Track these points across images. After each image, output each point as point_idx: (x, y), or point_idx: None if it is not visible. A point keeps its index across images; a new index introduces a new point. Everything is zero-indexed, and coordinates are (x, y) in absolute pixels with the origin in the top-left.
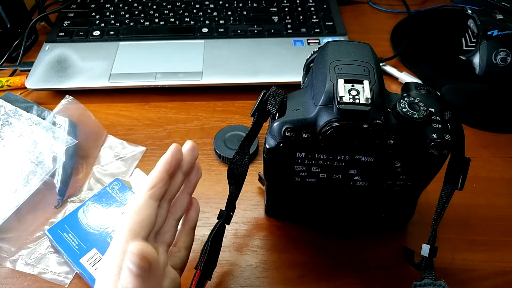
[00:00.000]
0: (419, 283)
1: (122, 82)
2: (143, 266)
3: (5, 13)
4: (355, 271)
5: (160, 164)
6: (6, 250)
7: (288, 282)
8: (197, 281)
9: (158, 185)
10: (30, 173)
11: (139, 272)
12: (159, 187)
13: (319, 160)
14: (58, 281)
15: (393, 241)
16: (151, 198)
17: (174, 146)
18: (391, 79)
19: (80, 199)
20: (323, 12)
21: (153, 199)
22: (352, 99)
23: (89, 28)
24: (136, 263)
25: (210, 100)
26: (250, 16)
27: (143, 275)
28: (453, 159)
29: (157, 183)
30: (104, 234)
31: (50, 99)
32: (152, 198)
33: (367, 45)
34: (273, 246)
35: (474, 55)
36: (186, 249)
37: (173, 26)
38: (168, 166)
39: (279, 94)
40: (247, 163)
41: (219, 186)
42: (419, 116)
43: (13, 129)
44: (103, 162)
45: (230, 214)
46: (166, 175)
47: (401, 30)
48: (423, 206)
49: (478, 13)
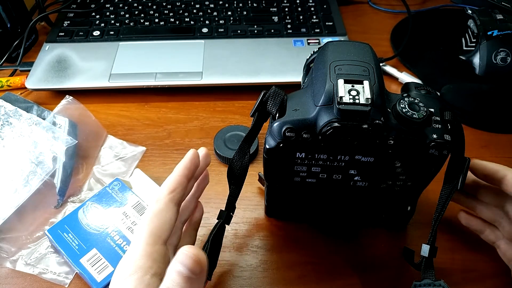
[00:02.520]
0: (419, 283)
1: (122, 82)
2: (196, 270)
3: (5, 13)
4: (355, 271)
5: (179, 169)
6: (6, 250)
7: (288, 282)
8: None
9: (178, 189)
10: (30, 173)
11: (191, 276)
12: (178, 191)
13: (319, 160)
14: (58, 281)
15: (393, 241)
16: (171, 201)
17: (192, 152)
18: (391, 79)
19: (80, 199)
20: (323, 12)
21: (173, 203)
22: (352, 100)
23: (89, 28)
24: (190, 266)
25: (210, 100)
26: (250, 16)
27: (193, 279)
28: (453, 159)
29: (177, 187)
30: (104, 234)
31: (50, 99)
32: (172, 202)
33: (367, 45)
34: (273, 246)
35: (474, 55)
36: None
37: (173, 26)
38: (187, 172)
39: (279, 94)
40: (247, 163)
41: (219, 186)
42: (419, 117)
43: (13, 129)
44: (103, 162)
45: (230, 214)
46: (185, 180)
47: (401, 30)
48: (423, 206)
49: (478, 13)
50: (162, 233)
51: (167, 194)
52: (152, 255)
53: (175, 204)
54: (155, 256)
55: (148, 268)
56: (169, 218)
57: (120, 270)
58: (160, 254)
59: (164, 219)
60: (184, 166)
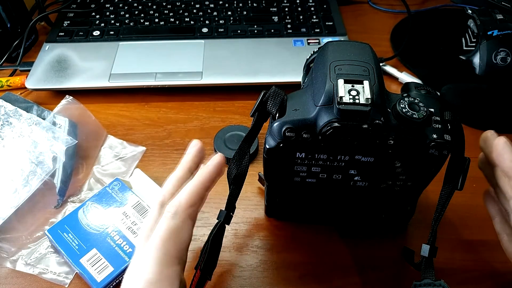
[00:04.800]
0: (419, 283)
1: (122, 82)
2: None
3: (5, 13)
4: (355, 271)
5: (201, 180)
6: (6, 250)
7: (288, 282)
8: (197, 281)
9: (198, 203)
10: (30, 173)
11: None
12: (197, 206)
13: (319, 160)
14: (58, 281)
15: (393, 241)
16: (190, 218)
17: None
18: (391, 79)
19: (80, 199)
20: (323, 12)
21: (191, 219)
22: (352, 100)
23: (89, 28)
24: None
25: (210, 100)
26: (250, 16)
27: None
28: (453, 159)
29: (197, 201)
30: (104, 234)
31: (50, 99)
32: (190, 218)
33: (367, 45)
34: (273, 246)
35: (474, 55)
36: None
37: (173, 26)
38: (209, 183)
39: (279, 94)
40: (247, 163)
41: (219, 186)
42: (419, 117)
43: (13, 129)
44: (103, 162)
45: (230, 214)
46: (206, 193)
47: (401, 30)
48: (423, 206)
49: (478, 13)
50: (178, 253)
51: (186, 209)
52: (169, 278)
53: (192, 220)
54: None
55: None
56: (186, 237)
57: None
58: (177, 275)
59: (182, 239)
60: (207, 177)
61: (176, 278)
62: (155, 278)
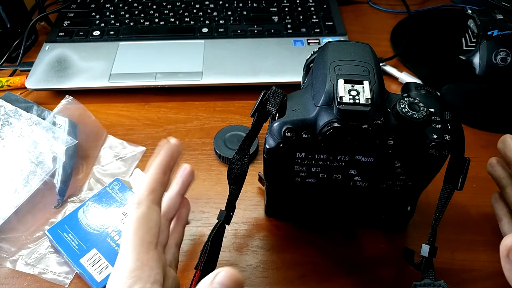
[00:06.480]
0: (419, 283)
1: (122, 82)
2: None
3: (5, 13)
4: (355, 271)
5: (156, 166)
6: (6, 250)
7: (288, 282)
8: (197, 281)
9: (158, 188)
10: (30, 173)
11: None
12: (158, 190)
13: (319, 160)
14: (58, 281)
15: (393, 241)
16: (153, 203)
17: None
18: (391, 79)
19: (80, 199)
20: (323, 12)
21: (155, 203)
22: (352, 100)
23: (89, 28)
24: None
25: (210, 100)
26: (250, 16)
27: None
28: (453, 159)
29: (156, 186)
30: (104, 234)
31: (50, 99)
32: (154, 203)
33: (367, 45)
34: (273, 246)
35: (474, 55)
36: (177, 245)
37: (173, 26)
38: (166, 167)
39: (279, 94)
40: (247, 163)
41: (219, 186)
42: (419, 117)
43: (13, 129)
44: (103, 162)
45: (230, 214)
46: (164, 177)
47: (401, 30)
48: (423, 206)
49: (478, 13)
50: (152, 238)
51: (148, 195)
52: (148, 263)
53: (157, 204)
54: (151, 264)
55: (147, 277)
56: (155, 221)
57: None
58: (155, 259)
59: (151, 223)
60: (162, 162)
61: (155, 263)
62: (135, 265)
